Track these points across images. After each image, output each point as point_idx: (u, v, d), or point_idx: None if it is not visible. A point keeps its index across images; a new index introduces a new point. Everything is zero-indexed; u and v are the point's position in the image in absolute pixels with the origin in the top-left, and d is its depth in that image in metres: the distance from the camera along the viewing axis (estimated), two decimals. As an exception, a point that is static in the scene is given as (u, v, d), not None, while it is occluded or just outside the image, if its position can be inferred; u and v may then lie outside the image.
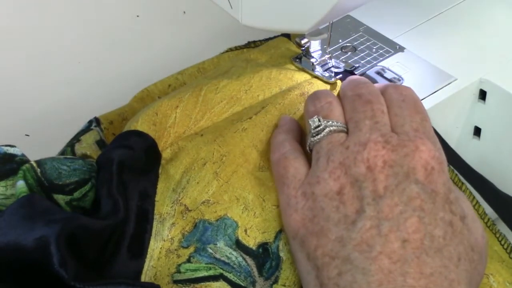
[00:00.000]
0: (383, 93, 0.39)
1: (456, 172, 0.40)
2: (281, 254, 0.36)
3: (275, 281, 0.36)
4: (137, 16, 0.60)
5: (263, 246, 0.36)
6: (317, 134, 0.37)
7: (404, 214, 0.32)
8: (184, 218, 0.37)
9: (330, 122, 0.37)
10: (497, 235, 0.38)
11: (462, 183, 0.40)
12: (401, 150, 0.34)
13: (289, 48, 0.48)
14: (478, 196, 0.40)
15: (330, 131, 0.37)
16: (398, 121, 0.36)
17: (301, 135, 0.40)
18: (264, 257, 0.36)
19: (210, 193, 0.38)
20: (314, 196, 0.35)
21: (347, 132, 0.37)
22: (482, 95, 0.47)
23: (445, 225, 0.32)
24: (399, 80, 0.46)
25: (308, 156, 0.38)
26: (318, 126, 0.37)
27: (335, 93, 0.44)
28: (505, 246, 0.37)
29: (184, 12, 0.62)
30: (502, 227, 0.40)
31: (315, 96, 0.40)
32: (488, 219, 0.39)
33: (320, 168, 0.35)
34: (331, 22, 0.45)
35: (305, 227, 0.34)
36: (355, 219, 0.33)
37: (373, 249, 0.31)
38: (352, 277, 0.31)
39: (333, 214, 0.33)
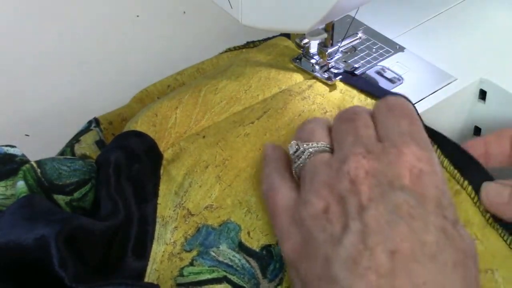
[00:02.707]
0: (372, 111, 0.37)
1: (456, 170, 0.40)
2: None
3: (279, 283, 0.35)
4: (137, 16, 0.60)
5: (267, 248, 0.36)
6: (298, 159, 0.36)
7: (391, 223, 0.30)
8: (187, 222, 0.37)
9: (310, 144, 0.36)
10: (499, 231, 0.37)
11: (464, 179, 0.40)
12: (385, 158, 0.32)
13: (288, 47, 0.48)
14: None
15: (310, 153, 0.35)
16: (384, 130, 0.35)
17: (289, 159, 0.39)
18: (267, 259, 0.36)
19: (213, 198, 0.38)
20: (302, 219, 0.33)
21: (332, 152, 0.35)
22: (482, 95, 0.47)
23: (437, 231, 0.30)
24: (399, 80, 0.46)
25: (298, 182, 0.37)
26: (297, 150, 0.36)
27: (333, 94, 0.44)
28: (508, 242, 0.37)
29: (184, 12, 0.62)
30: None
31: (301, 125, 0.39)
32: (489, 217, 0.38)
33: (305, 191, 0.34)
34: (332, 22, 0.44)
35: (297, 253, 0.33)
36: (341, 236, 0.31)
37: (360, 265, 0.29)
38: None
39: (320, 235, 0.32)
